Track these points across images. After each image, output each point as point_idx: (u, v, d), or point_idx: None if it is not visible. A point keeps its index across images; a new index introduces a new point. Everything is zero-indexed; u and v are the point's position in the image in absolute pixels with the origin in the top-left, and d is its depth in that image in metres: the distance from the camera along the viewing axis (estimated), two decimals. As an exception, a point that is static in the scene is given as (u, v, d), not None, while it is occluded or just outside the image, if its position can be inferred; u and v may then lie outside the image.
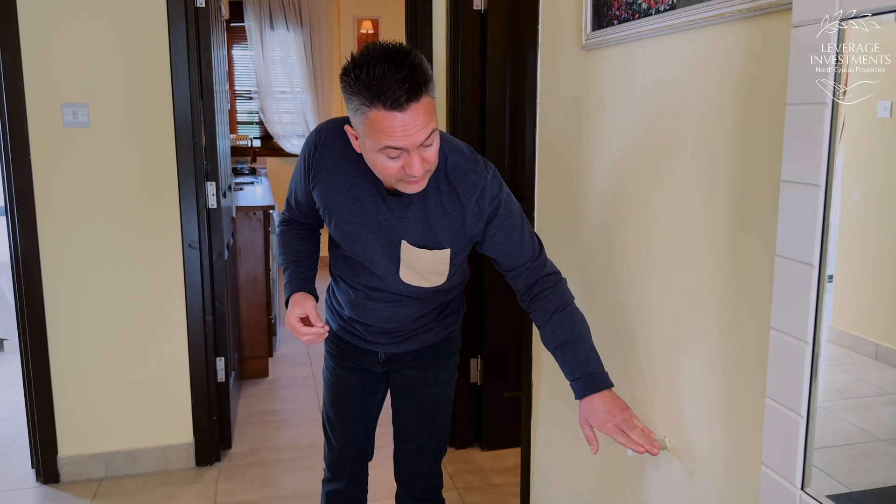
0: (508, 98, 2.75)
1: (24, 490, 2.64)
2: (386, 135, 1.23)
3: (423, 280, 1.50)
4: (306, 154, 1.50)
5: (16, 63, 2.43)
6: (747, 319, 1.13)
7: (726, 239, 1.17)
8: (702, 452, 1.27)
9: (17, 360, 4.00)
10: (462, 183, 1.40)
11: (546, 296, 1.45)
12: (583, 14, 1.58)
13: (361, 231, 1.47)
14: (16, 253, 2.55)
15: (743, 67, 1.10)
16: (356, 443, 1.82)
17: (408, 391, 1.75)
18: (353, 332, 1.68)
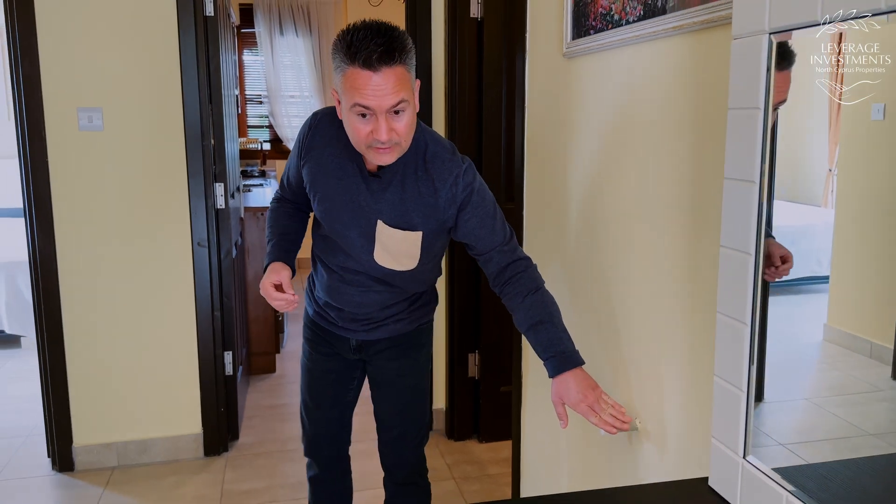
0: (504, 101, 2.85)
1: (41, 477, 2.76)
2: (358, 92, 1.34)
3: (396, 262, 1.58)
4: (302, 134, 1.62)
5: (34, 70, 2.55)
6: (704, 306, 1.22)
7: (686, 232, 1.26)
8: (667, 430, 1.36)
9: (34, 355, 4.14)
10: (438, 170, 1.50)
11: (518, 279, 1.53)
12: (563, 24, 1.68)
13: (341, 209, 1.56)
14: (33, 252, 2.68)
15: (697, 72, 1.20)
16: (331, 427, 1.88)
17: (383, 382, 1.82)
18: (326, 317, 1.76)
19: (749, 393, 1.01)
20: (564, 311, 1.58)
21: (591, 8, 1.55)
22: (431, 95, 2.93)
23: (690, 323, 1.27)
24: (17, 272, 4.21)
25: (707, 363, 1.22)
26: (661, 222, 1.34)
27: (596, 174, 1.60)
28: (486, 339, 2.98)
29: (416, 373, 1.83)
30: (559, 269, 1.83)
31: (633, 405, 1.49)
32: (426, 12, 2.87)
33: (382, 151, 1.42)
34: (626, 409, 1.43)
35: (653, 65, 1.33)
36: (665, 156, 1.31)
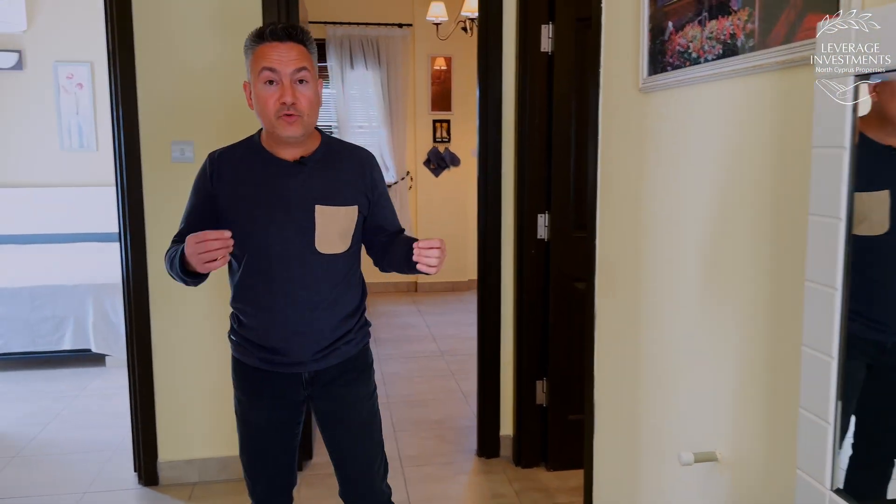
0: (574, 134, 2.91)
1: (128, 491, 2.91)
2: (265, 58, 1.60)
3: (335, 245, 1.70)
4: (203, 172, 1.75)
5: (132, 106, 2.75)
6: (784, 339, 1.24)
7: (768, 268, 1.28)
8: (747, 461, 1.37)
9: (118, 374, 4.37)
10: (359, 155, 1.80)
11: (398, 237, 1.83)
12: (640, 60, 1.73)
13: (274, 210, 1.66)
14: (127, 276, 2.85)
15: (777, 111, 1.23)
16: (283, 478, 1.84)
17: (339, 412, 1.80)
18: (273, 360, 1.73)
19: (836, 425, 1.02)
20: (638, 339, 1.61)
21: (668, 46, 1.60)
22: (501, 128, 3.00)
23: (772, 354, 1.29)
24: (103, 294, 4.46)
25: (787, 394, 1.24)
26: (740, 256, 1.36)
27: (672, 205, 1.63)
28: (554, 367, 3.01)
29: (370, 394, 1.85)
30: (633, 297, 1.86)
31: (712, 435, 1.50)
32: (497, 47, 2.96)
33: (289, 120, 1.61)
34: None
35: (733, 102, 1.36)
36: (745, 189, 1.34)
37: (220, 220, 1.71)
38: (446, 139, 6.65)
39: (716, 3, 1.40)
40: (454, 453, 3.25)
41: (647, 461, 1.82)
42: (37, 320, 4.40)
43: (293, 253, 1.68)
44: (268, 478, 1.85)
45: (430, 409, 3.78)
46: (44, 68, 6.04)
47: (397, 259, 1.78)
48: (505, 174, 3.04)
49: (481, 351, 3.14)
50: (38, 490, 2.90)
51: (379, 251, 1.86)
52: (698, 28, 1.47)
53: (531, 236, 2.96)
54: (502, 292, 3.08)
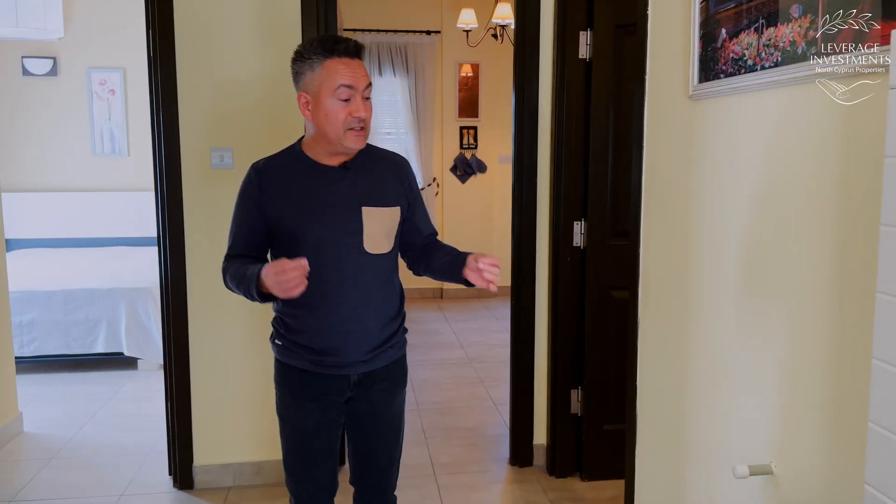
0: (611, 141, 2.89)
1: (164, 494, 2.93)
2: (340, 75, 1.66)
3: (381, 245, 1.77)
4: (251, 186, 1.78)
5: (173, 113, 2.77)
6: (849, 350, 1.22)
7: (828, 278, 1.26)
8: (806, 475, 1.35)
9: (149, 377, 4.41)
10: (397, 160, 1.90)
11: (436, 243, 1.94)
12: (690, 67, 1.72)
13: (321, 215, 1.72)
14: (165, 280, 2.88)
15: (842, 119, 1.21)
16: (326, 483, 1.87)
17: (374, 416, 1.86)
18: (324, 361, 1.77)
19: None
20: (684, 349, 1.60)
21: (721, 53, 1.58)
22: (537, 135, 3.00)
23: (833, 366, 1.26)
24: (136, 298, 4.51)
25: (850, 407, 1.21)
26: (798, 268, 1.34)
27: (723, 214, 1.62)
28: (590, 375, 2.98)
29: (403, 402, 1.94)
30: (679, 306, 1.84)
31: (764, 448, 1.47)
32: (534, 54, 2.95)
33: (357, 134, 1.69)
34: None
35: (793, 110, 1.35)
36: (804, 198, 1.32)
37: (270, 228, 1.76)
38: (473, 146, 6.66)
39: (774, 11, 1.39)
40: (487, 461, 3.23)
41: (693, 473, 1.80)
42: (70, 323, 4.45)
43: (343, 253, 1.74)
44: (314, 482, 1.87)
45: (461, 416, 3.77)
46: (77, 75, 6.14)
47: (439, 267, 1.84)
48: (540, 181, 3.03)
49: (515, 359, 3.13)
50: (76, 492, 2.93)
51: (415, 254, 1.92)
52: (754, 35, 1.46)
53: (567, 244, 2.95)
54: (536, 300, 3.07)
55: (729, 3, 1.56)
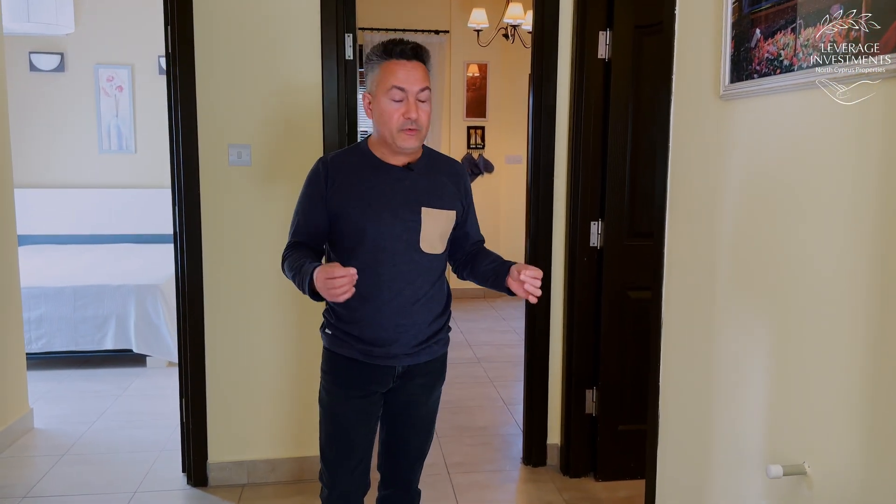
0: (629, 142, 2.89)
1: (178, 491, 2.92)
2: (394, 76, 1.71)
3: (436, 245, 1.83)
4: (317, 176, 1.83)
5: (191, 110, 2.77)
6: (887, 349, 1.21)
7: (867, 278, 1.26)
8: (840, 475, 1.35)
9: (158, 374, 4.41)
10: (453, 165, 1.94)
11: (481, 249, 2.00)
12: (721, 67, 1.71)
13: (382, 210, 1.77)
14: (182, 277, 2.87)
15: (881, 123, 1.21)
16: (361, 475, 1.90)
17: (410, 408, 1.92)
18: (372, 352, 1.82)
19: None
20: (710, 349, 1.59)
21: (755, 53, 1.58)
22: (555, 135, 3.00)
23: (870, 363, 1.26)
24: (146, 295, 4.50)
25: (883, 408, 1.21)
26: (837, 268, 1.34)
27: (755, 214, 1.61)
28: (605, 376, 2.98)
29: (439, 397, 2.00)
30: (705, 307, 1.84)
31: (800, 448, 1.47)
32: (552, 53, 2.95)
33: (410, 133, 1.73)
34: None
35: (832, 111, 1.34)
36: (843, 198, 1.32)
37: (332, 219, 1.82)
38: (480, 146, 6.66)
39: (813, 11, 1.39)
40: (500, 461, 3.23)
41: (719, 473, 1.80)
42: (79, 320, 4.44)
43: (400, 250, 1.79)
44: (349, 473, 1.90)
45: (473, 416, 3.77)
46: (85, 71, 6.13)
47: (482, 273, 1.90)
48: (557, 181, 3.03)
49: (529, 358, 3.13)
50: (90, 488, 2.92)
51: (462, 259, 1.98)
52: (791, 35, 1.46)
53: (584, 244, 2.94)
54: (552, 300, 3.07)
55: (764, 4, 1.55)
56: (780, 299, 1.54)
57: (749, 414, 1.65)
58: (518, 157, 6.85)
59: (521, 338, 5.32)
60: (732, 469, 1.73)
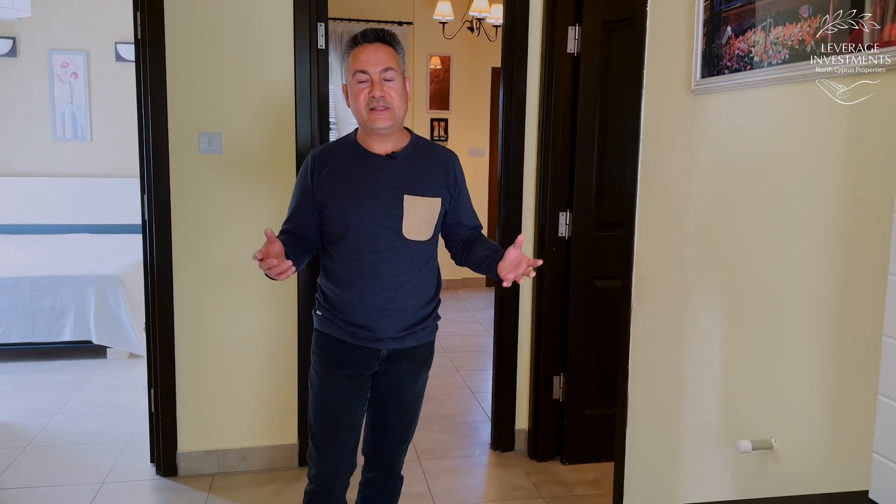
0: (597, 134, 2.97)
1: (147, 481, 2.90)
2: (357, 61, 1.78)
3: (420, 232, 1.85)
4: (306, 170, 1.89)
5: (161, 96, 2.74)
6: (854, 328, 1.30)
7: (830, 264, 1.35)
8: (806, 449, 1.44)
9: (119, 365, 4.34)
10: (442, 153, 1.95)
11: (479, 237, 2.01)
12: (693, 62, 1.79)
13: (365, 199, 1.81)
14: (151, 266, 2.84)
15: (845, 118, 1.29)
16: (347, 455, 1.95)
17: (395, 393, 1.96)
18: (359, 334, 1.87)
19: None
20: (679, 336, 1.67)
21: (727, 49, 1.66)
22: (525, 127, 3.05)
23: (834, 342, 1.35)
24: (106, 286, 4.42)
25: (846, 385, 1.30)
26: (809, 255, 1.42)
27: (726, 205, 1.69)
28: (572, 362, 3.06)
29: (424, 383, 2.04)
30: (675, 295, 1.92)
31: (768, 425, 1.56)
32: (523, 47, 3.00)
33: (379, 112, 1.77)
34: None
35: (802, 105, 1.43)
36: (811, 188, 1.40)
37: (319, 209, 1.86)
38: (444, 138, 6.70)
39: (783, 10, 1.46)
40: (469, 447, 3.29)
41: (687, 452, 1.88)
42: (36, 311, 4.34)
43: (383, 237, 1.82)
44: (336, 452, 1.93)
45: (440, 404, 3.82)
46: (38, 56, 5.96)
47: (477, 258, 1.92)
48: (527, 173, 3.09)
49: (498, 346, 3.19)
50: (55, 479, 2.88)
51: (458, 245, 2.01)
52: (762, 33, 1.53)
53: (553, 234, 3.01)
54: (521, 288, 3.13)
55: (735, 2, 1.63)
56: (746, 284, 1.62)
57: (717, 394, 1.74)
58: (481, 149, 6.91)
59: (484, 328, 5.40)
60: (701, 447, 1.82)
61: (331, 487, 1.96)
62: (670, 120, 1.95)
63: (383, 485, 2.07)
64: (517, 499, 2.82)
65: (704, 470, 1.82)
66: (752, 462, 1.61)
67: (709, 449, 1.78)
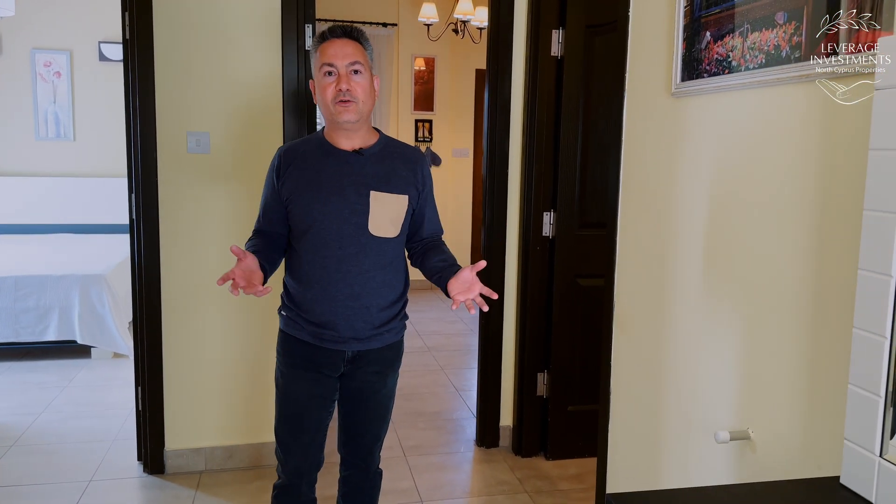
0: (580, 136, 3.02)
1: (134, 479, 2.91)
2: (324, 55, 1.79)
3: (386, 229, 1.85)
4: (274, 166, 1.90)
5: (149, 96, 2.75)
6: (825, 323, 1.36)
7: (804, 260, 1.41)
8: (781, 438, 1.49)
9: (104, 365, 4.34)
10: (411, 153, 1.96)
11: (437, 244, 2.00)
12: (673, 66, 1.85)
13: (330, 194, 1.81)
14: (139, 266, 2.85)
15: (825, 118, 1.35)
16: (313, 454, 1.95)
17: (364, 395, 1.96)
18: (322, 335, 1.86)
19: (886, 398, 1.14)
20: (659, 332, 1.72)
21: (706, 54, 1.71)
22: (509, 129, 3.10)
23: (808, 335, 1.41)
24: (90, 286, 4.41)
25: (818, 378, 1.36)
26: (779, 249, 1.48)
27: (702, 205, 1.75)
28: (556, 359, 3.11)
29: (395, 383, 2.04)
30: (655, 291, 1.97)
31: (745, 417, 1.62)
32: (507, 50, 3.05)
33: (344, 105, 1.77)
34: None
35: (777, 108, 1.49)
36: (786, 188, 1.46)
37: (286, 205, 1.86)
38: (428, 139, 6.74)
39: (759, 17, 1.52)
40: (454, 443, 3.34)
41: (669, 445, 1.94)
42: (20, 310, 4.32)
43: (348, 233, 1.82)
44: (301, 452, 1.94)
45: (425, 401, 3.86)
46: (20, 55, 5.93)
47: (430, 267, 1.90)
48: (511, 173, 3.14)
49: (483, 343, 3.23)
50: (42, 478, 2.88)
51: (419, 249, 1.99)
52: (739, 39, 1.59)
53: (537, 233, 3.07)
54: (506, 287, 3.18)
55: (714, 8, 1.69)
56: (723, 280, 1.68)
57: (695, 387, 1.79)
58: (465, 150, 6.96)
59: (468, 327, 5.45)
60: (680, 439, 1.87)
61: (297, 484, 1.97)
62: (651, 122, 2.01)
63: (362, 482, 2.08)
64: (502, 493, 2.86)
65: (685, 461, 1.88)
66: (732, 452, 1.67)
67: (688, 440, 1.84)
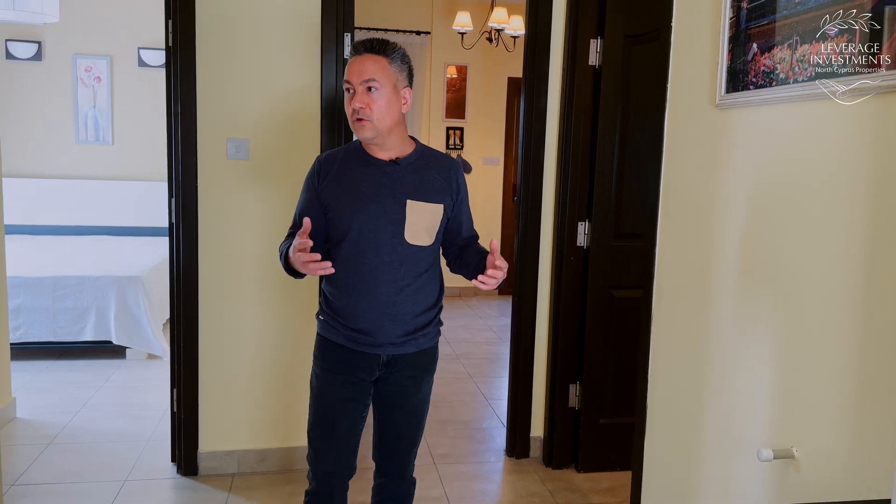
0: (617, 146, 3.00)
1: (168, 480, 2.95)
2: (346, 71, 1.81)
3: (422, 238, 1.87)
4: (312, 173, 1.94)
5: (190, 102, 2.80)
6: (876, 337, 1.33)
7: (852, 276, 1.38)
8: (827, 458, 1.46)
9: (138, 366, 4.41)
10: (445, 161, 1.98)
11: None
12: (718, 78, 1.83)
13: (368, 202, 1.84)
14: (177, 269, 2.89)
15: (879, 133, 1.33)
16: (345, 459, 1.96)
17: (400, 400, 1.97)
18: (358, 339, 1.89)
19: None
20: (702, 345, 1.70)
21: (752, 66, 1.69)
22: (545, 138, 3.10)
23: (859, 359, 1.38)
24: (126, 287, 4.49)
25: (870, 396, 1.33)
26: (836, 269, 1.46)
27: (744, 218, 1.73)
28: (589, 371, 3.09)
29: (429, 388, 2.04)
30: (696, 304, 1.95)
31: (790, 434, 1.59)
32: (544, 59, 3.05)
33: (359, 124, 1.79)
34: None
35: (826, 122, 1.46)
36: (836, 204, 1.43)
37: (325, 212, 1.90)
38: (459, 146, 6.75)
39: (809, 29, 1.50)
40: (484, 452, 3.32)
41: (707, 461, 1.91)
42: (58, 310, 4.41)
43: (384, 241, 1.85)
44: (333, 455, 1.95)
45: (454, 410, 3.85)
46: (62, 60, 6.06)
47: (467, 264, 1.96)
48: (546, 182, 3.12)
49: (515, 353, 3.22)
50: (79, 476, 2.93)
51: (454, 253, 2.03)
52: (788, 51, 1.57)
53: (571, 243, 3.05)
54: (539, 297, 3.17)
55: (762, 20, 1.67)
56: (769, 293, 1.65)
57: (736, 403, 1.77)
58: (496, 158, 6.96)
59: (498, 336, 5.44)
60: (721, 457, 1.84)
61: (329, 490, 1.98)
62: (694, 133, 1.99)
63: (396, 490, 2.08)
64: (533, 505, 2.85)
65: (724, 478, 1.85)
66: (775, 471, 1.64)
67: (728, 457, 1.81)
